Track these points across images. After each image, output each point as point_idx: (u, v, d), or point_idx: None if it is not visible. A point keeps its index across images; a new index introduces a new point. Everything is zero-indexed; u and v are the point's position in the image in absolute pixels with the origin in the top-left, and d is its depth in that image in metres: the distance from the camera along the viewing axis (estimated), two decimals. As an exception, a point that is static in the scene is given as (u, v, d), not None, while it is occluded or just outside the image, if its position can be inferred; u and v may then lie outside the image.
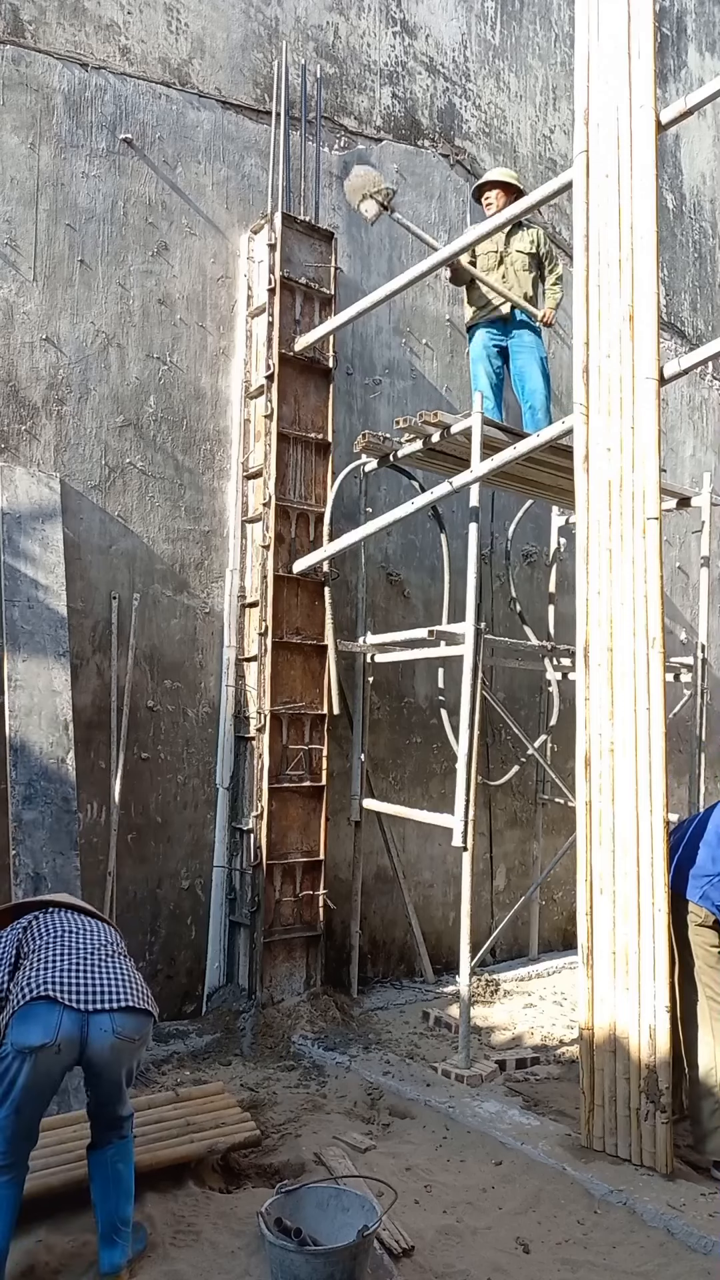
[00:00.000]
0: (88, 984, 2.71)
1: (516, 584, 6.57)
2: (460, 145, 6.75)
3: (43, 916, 3.00)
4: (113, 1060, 2.72)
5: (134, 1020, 2.73)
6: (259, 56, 5.71)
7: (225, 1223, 3.18)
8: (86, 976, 2.73)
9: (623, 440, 3.87)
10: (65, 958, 2.77)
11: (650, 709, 3.68)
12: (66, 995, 2.63)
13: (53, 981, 2.65)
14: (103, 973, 2.77)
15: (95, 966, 2.78)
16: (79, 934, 2.90)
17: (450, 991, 5.64)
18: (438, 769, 6.27)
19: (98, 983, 2.72)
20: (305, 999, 5.10)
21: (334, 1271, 2.70)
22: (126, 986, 2.77)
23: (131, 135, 5.18)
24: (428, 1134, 3.91)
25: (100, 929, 3.00)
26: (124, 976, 2.80)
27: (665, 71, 8.28)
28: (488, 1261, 3.03)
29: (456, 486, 4.64)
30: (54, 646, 4.53)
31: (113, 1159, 2.89)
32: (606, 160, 3.99)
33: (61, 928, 2.92)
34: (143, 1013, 2.77)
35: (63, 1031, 2.59)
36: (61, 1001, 2.61)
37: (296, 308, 5.46)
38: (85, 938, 2.89)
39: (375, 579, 6.02)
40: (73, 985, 2.68)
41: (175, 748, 5.22)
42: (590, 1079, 3.69)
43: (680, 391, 8.24)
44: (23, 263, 4.83)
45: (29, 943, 2.87)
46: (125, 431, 5.13)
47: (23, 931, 2.93)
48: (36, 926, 2.94)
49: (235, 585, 5.43)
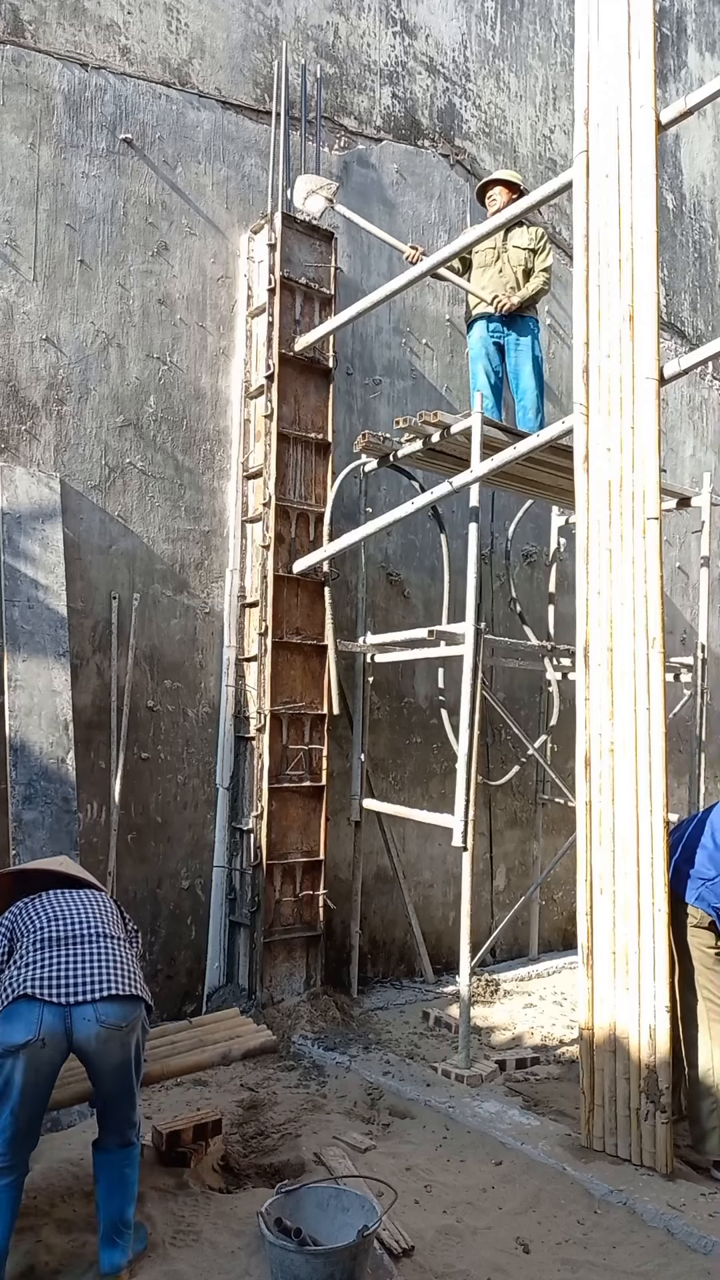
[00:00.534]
0: (69, 976, 2.71)
1: (516, 584, 6.57)
2: (460, 145, 6.75)
3: (36, 902, 2.99)
4: (102, 1050, 2.72)
5: (120, 1007, 2.73)
6: (259, 56, 5.71)
7: (225, 1223, 3.18)
8: (69, 967, 2.73)
9: (623, 440, 3.87)
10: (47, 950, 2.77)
11: (650, 709, 3.68)
12: (45, 991, 2.65)
13: (33, 980, 2.68)
14: (87, 962, 2.76)
15: (80, 957, 2.78)
16: (67, 921, 2.89)
17: (450, 991, 5.64)
18: (438, 769, 6.27)
19: (80, 973, 2.73)
20: (305, 999, 5.10)
21: (334, 1271, 2.70)
22: (110, 974, 2.76)
23: (131, 135, 5.18)
24: (428, 1134, 3.91)
25: (91, 907, 2.98)
26: (109, 963, 2.79)
27: (665, 71, 8.28)
28: (488, 1261, 3.03)
29: (456, 486, 4.64)
30: (54, 646, 4.53)
31: (119, 1163, 2.90)
32: (606, 160, 3.99)
33: (50, 913, 2.92)
34: (129, 999, 2.76)
35: (45, 1027, 2.61)
36: (40, 998, 2.63)
37: (296, 308, 5.46)
38: (73, 924, 2.88)
39: (375, 579, 6.02)
40: (52, 980, 2.69)
41: (175, 748, 5.22)
42: (590, 1079, 3.69)
43: (680, 391, 8.24)
44: (23, 263, 4.83)
45: (20, 933, 2.88)
46: (125, 431, 5.13)
47: (14, 918, 2.94)
48: (27, 913, 2.94)
49: (235, 585, 5.43)
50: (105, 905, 3.06)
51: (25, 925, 2.90)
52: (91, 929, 2.89)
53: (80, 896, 3.04)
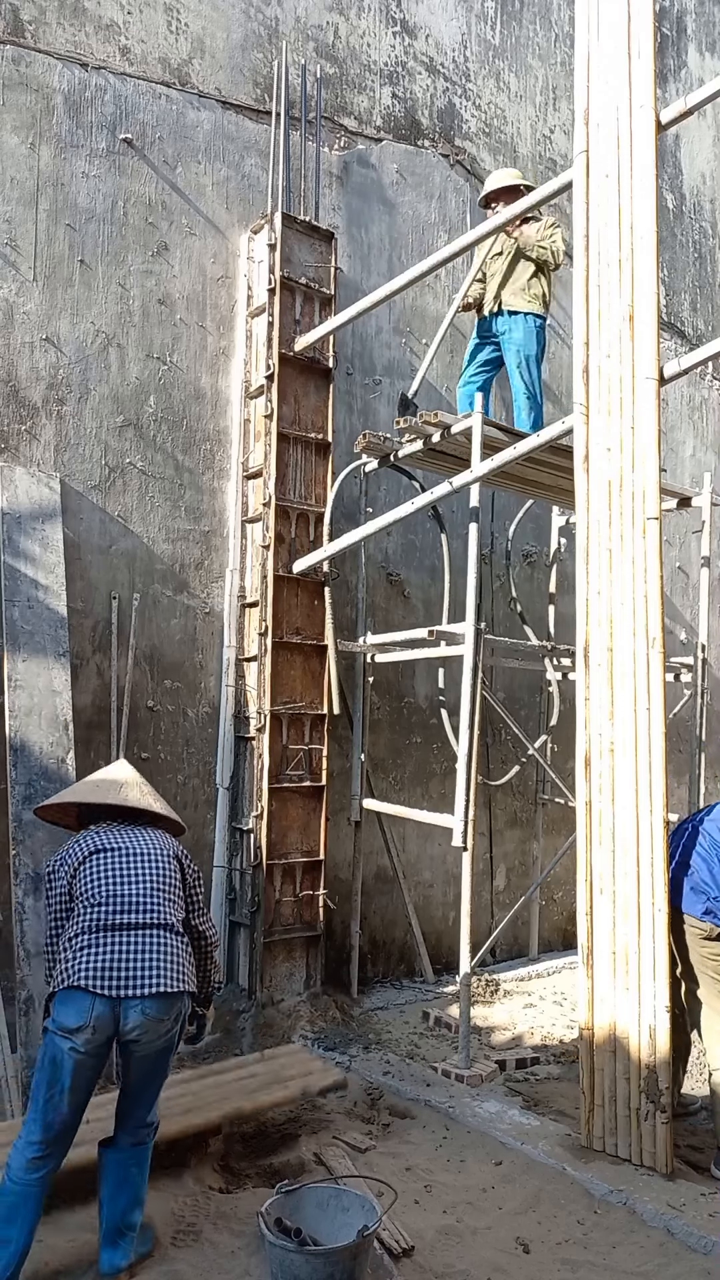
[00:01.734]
0: (121, 968, 2.77)
1: (516, 584, 6.57)
2: (460, 145, 6.75)
3: (99, 857, 2.98)
4: (142, 1039, 2.80)
5: (165, 1002, 2.81)
6: (259, 56, 5.71)
7: (225, 1223, 3.18)
8: (123, 958, 2.78)
9: (623, 440, 3.87)
10: (104, 936, 2.81)
11: (650, 709, 3.68)
12: (97, 984, 2.73)
13: (88, 970, 2.75)
14: (140, 954, 2.81)
15: (134, 949, 2.81)
16: (127, 901, 2.89)
17: (450, 991, 5.64)
18: (438, 769, 6.27)
19: (132, 966, 2.78)
20: (305, 999, 5.10)
21: (334, 1271, 2.70)
22: (162, 970, 2.81)
23: (131, 135, 5.18)
24: (428, 1134, 3.91)
25: (152, 878, 2.98)
26: (161, 958, 2.83)
27: (665, 71, 8.28)
28: (488, 1261, 3.03)
29: (456, 486, 4.64)
30: (54, 646, 4.53)
31: (128, 1162, 2.92)
32: (606, 160, 3.99)
33: (110, 885, 2.92)
34: (175, 995, 2.84)
35: (95, 1016, 2.72)
36: (93, 990, 2.72)
37: (296, 308, 5.46)
38: (131, 908, 2.89)
39: (375, 579, 6.02)
40: (105, 972, 2.75)
41: (175, 748, 5.22)
42: (590, 1079, 3.69)
43: (680, 391, 8.24)
44: (23, 263, 4.83)
45: (79, 891, 2.92)
46: (125, 431, 5.13)
47: (75, 869, 2.97)
48: (89, 868, 2.95)
49: (235, 585, 5.43)
50: (167, 867, 3.04)
51: (85, 886, 2.92)
52: (149, 913, 2.90)
53: (142, 860, 3.01)
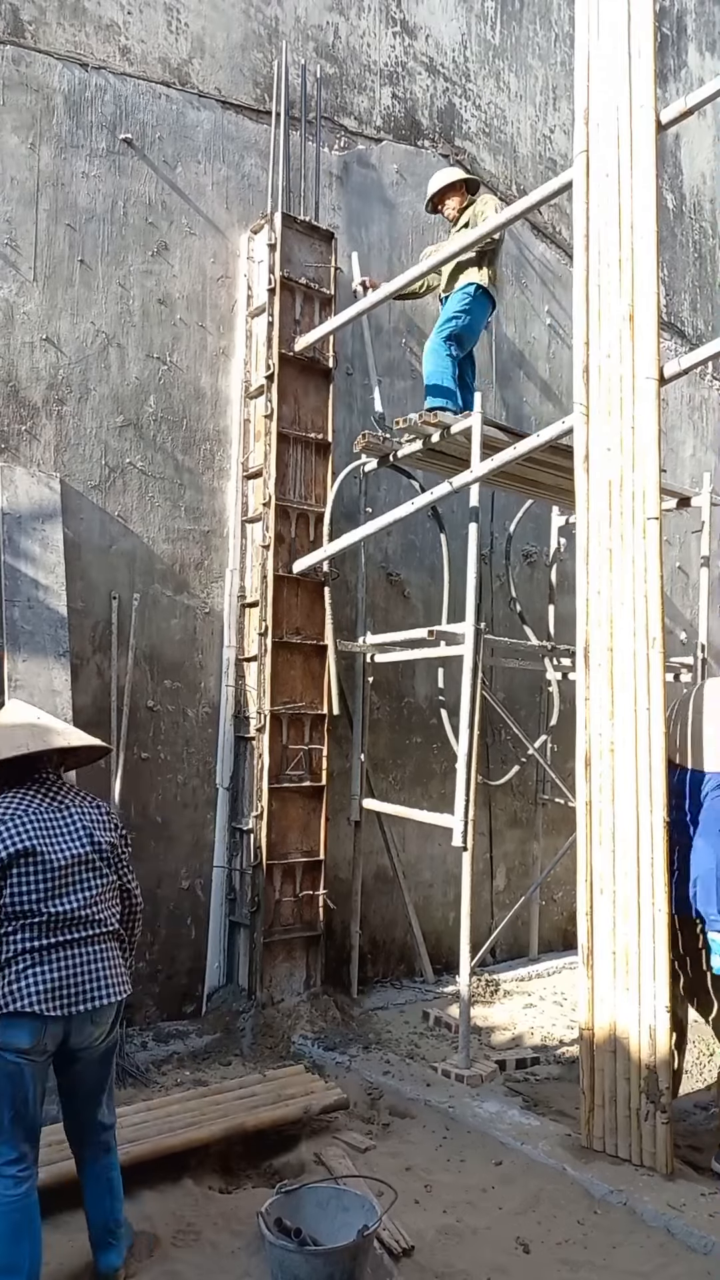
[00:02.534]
0: (69, 985, 2.73)
1: (516, 584, 6.57)
2: (460, 145, 6.75)
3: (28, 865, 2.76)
4: (94, 1044, 2.82)
5: (113, 1008, 2.83)
6: (259, 56, 5.70)
7: (225, 1223, 3.18)
8: (70, 974, 2.74)
9: (623, 440, 3.87)
10: (48, 955, 2.73)
11: (650, 709, 3.68)
12: (45, 1007, 2.68)
13: (36, 992, 2.67)
14: (86, 966, 2.78)
15: (80, 960, 2.77)
16: (70, 906, 2.78)
17: (450, 991, 5.64)
18: (438, 769, 6.27)
19: (80, 980, 2.75)
20: (305, 999, 5.10)
21: (334, 1271, 2.70)
22: (107, 979, 2.80)
23: (131, 135, 5.18)
24: (428, 1134, 3.91)
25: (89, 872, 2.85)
26: (106, 968, 2.81)
27: (665, 71, 8.27)
28: (488, 1261, 3.03)
29: (456, 486, 4.64)
30: (54, 646, 4.53)
31: (104, 1170, 2.92)
32: (606, 160, 3.99)
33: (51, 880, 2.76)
34: (121, 1000, 2.86)
35: (48, 1033, 2.71)
36: (45, 1015, 2.67)
37: (296, 308, 5.45)
38: (74, 913, 2.78)
39: (375, 579, 6.02)
40: (56, 993, 2.70)
41: (175, 748, 5.22)
42: (590, 1079, 3.69)
43: (680, 391, 8.24)
44: (23, 263, 4.83)
45: (13, 906, 2.72)
46: (125, 431, 5.12)
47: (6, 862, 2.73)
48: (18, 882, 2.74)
49: (235, 585, 5.43)
50: (100, 861, 2.90)
51: (19, 900, 2.72)
52: (89, 925, 2.82)
53: (76, 862, 2.83)
